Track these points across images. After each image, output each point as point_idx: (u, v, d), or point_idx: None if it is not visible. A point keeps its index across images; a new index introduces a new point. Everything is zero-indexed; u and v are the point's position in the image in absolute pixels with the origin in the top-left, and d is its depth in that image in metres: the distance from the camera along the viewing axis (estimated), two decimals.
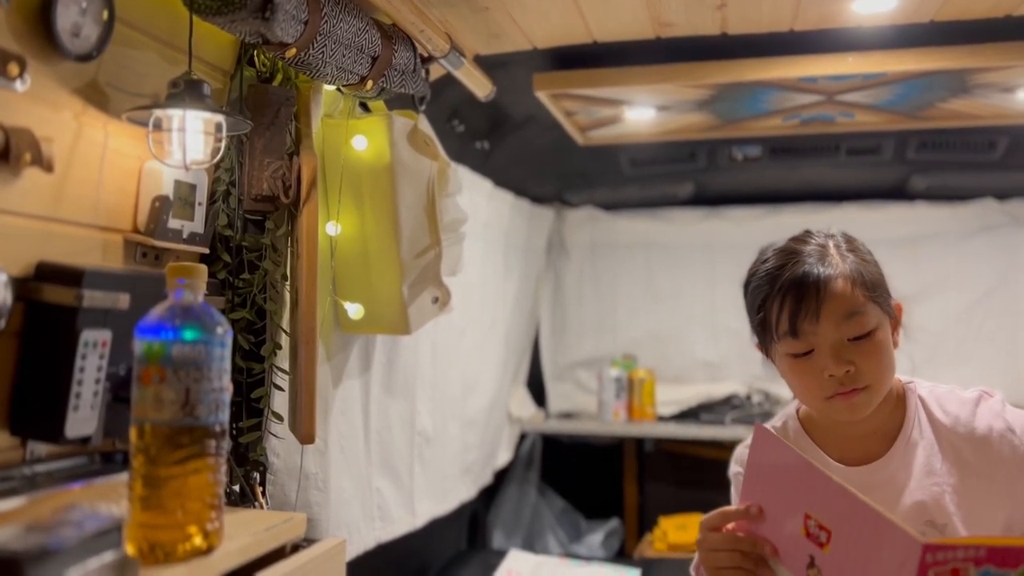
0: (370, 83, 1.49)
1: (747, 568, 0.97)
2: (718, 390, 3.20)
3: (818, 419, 1.18)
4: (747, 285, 1.17)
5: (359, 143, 1.63)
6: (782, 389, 2.98)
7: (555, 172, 3.01)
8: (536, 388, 3.39)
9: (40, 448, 1.09)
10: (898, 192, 3.06)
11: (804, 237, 1.15)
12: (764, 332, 1.13)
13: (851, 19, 1.66)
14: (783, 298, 1.08)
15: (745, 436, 1.18)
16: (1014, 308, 3.03)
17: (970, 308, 3.06)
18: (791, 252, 1.12)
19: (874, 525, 0.83)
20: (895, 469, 1.11)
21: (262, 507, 1.43)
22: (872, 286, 1.10)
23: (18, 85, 0.99)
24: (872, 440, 1.14)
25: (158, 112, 1.17)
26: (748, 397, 3.17)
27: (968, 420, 1.11)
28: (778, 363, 1.14)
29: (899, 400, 1.14)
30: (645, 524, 3.29)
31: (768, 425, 1.22)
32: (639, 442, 3.38)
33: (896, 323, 1.14)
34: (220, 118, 1.21)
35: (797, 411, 1.22)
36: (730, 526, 0.99)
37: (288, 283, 1.49)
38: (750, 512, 0.97)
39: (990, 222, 3.05)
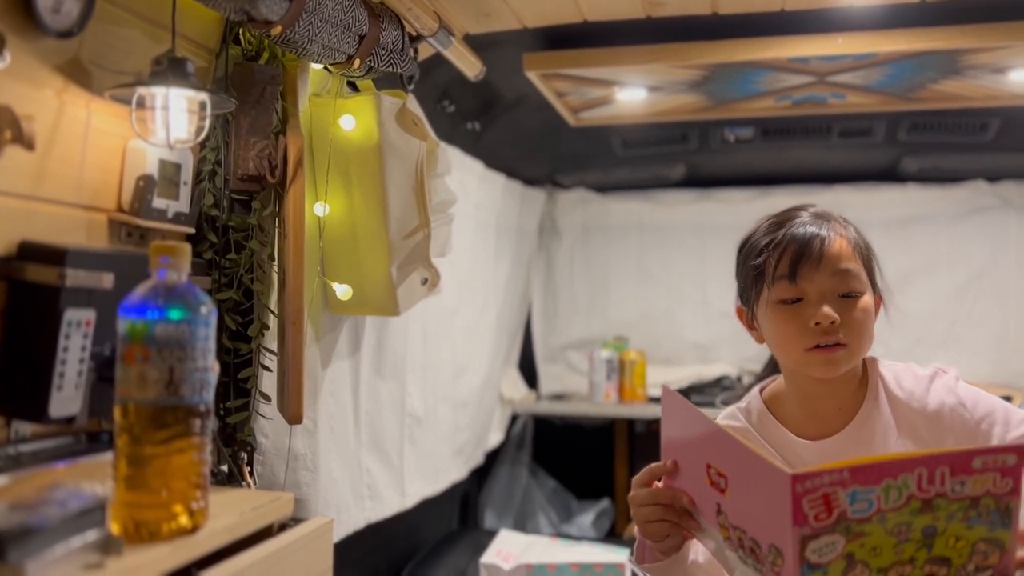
0: (357, 62, 1.48)
1: (670, 520, 1.00)
2: (708, 371, 3.21)
3: (785, 393, 1.20)
4: (744, 244, 1.21)
5: (347, 123, 1.61)
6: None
7: (547, 153, 3.00)
8: (527, 369, 3.40)
9: (24, 428, 1.09)
10: (889, 174, 3.05)
11: (806, 205, 1.21)
12: (756, 282, 1.15)
13: None
14: (786, 245, 1.13)
15: None
16: (1004, 290, 3.04)
17: (960, 290, 3.07)
18: (795, 211, 1.18)
19: (753, 464, 0.86)
20: (854, 442, 1.14)
21: (250, 487, 1.44)
22: (866, 258, 1.16)
23: None
24: (834, 415, 1.16)
25: (141, 90, 1.15)
26: (739, 379, 3.18)
27: (922, 396, 1.14)
28: (763, 316, 1.16)
29: (861, 378, 1.18)
30: None
31: (733, 407, 1.25)
32: (630, 423, 3.39)
33: (878, 306, 1.18)
34: (204, 96, 1.20)
35: (760, 391, 1.25)
36: (658, 483, 1.02)
37: (275, 263, 1.48)
38: (666, 467, 1.01)
39: (981, 204, 3.05)
